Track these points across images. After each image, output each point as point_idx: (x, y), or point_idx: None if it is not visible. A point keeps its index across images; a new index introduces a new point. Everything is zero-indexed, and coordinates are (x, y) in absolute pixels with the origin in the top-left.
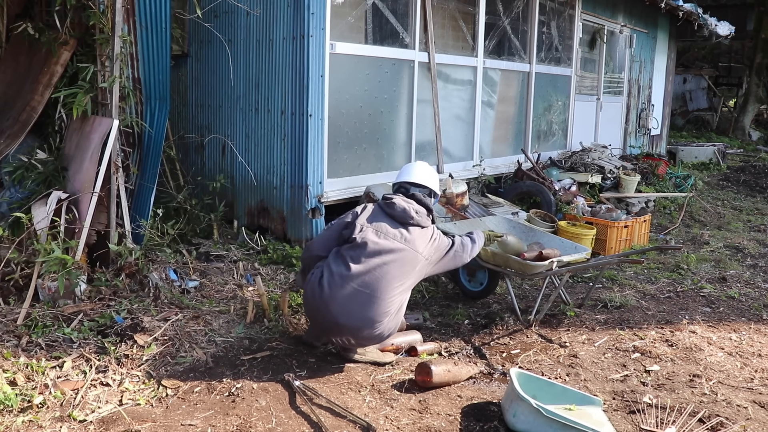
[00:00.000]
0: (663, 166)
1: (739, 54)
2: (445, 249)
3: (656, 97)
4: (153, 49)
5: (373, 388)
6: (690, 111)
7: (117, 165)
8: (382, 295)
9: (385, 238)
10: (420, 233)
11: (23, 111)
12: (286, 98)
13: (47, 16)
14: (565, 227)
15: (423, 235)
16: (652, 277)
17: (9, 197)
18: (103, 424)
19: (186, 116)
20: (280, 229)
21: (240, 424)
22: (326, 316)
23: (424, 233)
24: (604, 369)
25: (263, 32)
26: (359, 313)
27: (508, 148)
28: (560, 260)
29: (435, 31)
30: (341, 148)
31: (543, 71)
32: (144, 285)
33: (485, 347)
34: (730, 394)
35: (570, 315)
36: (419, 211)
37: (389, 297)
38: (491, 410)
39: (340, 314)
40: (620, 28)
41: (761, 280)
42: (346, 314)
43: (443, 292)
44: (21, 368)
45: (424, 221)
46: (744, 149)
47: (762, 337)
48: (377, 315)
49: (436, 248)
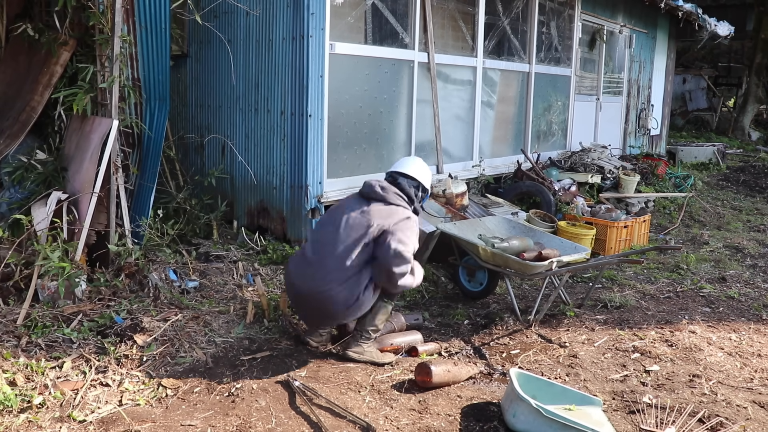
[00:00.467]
0: (662, 166)
1: (738, 54)
2: (396, 240)
3: (656, 97)
4: (153, 49)
5: (373, 389)
6: (690, 111)
7: (117, 165)
8: (329, 257)
9: (342, 211)
10: (380, 208)
11: (23, 111)
12: (286, 98)
13: (47, 16)
14: (564, 227)
15: (384, 210)
16: (652, 277)
17: (9, 197)
18: (102, 425)
19: (186, 116)
20: (279, 230)
21: (240, 424)
22: (291, 294)
23: (386, 209)
24: (604, 369)
25: (263, 32)
26: (311, 280)
27: (507, 149)
28: (560, 260)
29: (435, 31)
30: (341, 148)
31: (542, 71)
32: (144, 285)
33: (485, 347)
34: (729, 394)
35: (570, 315)
36: (387, 188)
37: (337, 260)
38: (491, 410)
39: (299, 286)
40: (620, 28)
41: (761, 280)
42: (301, 283)
43: (443, 292)
44: (21, 368)
45: (391, 198)
46: (743, 149)
47: (762, 337)
48: (327, 277)
49: (394, 229)
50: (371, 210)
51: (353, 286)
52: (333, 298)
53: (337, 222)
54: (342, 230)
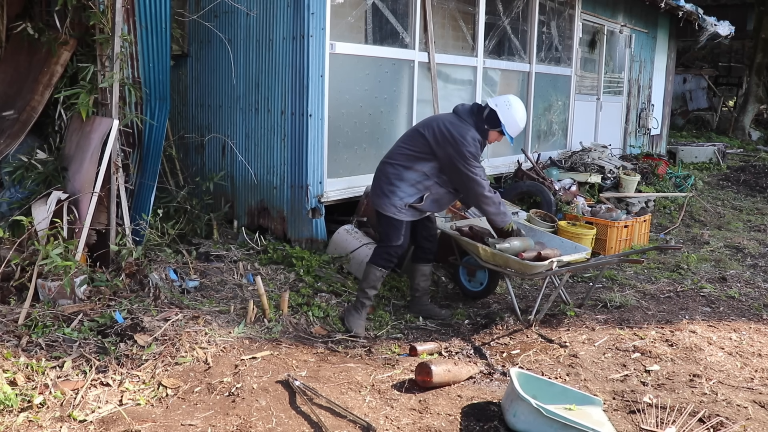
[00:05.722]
0: (663, 165)
1: (739, 54)
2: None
3: (656, 96)
4: (153, 49)
5: (373, 388)
6: (690, 111)
7: (117, 165)
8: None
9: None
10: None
11: (23, 111)
12: (286, 98)
13: (47, 16)
14: (565, 227)
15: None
16: (652, 276)
17: (9, 197)
18: (103, 424)
19: (186, 116)
20: (280, 229)
21: (240, 424)
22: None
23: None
24: (604, 369)
25: (263, 32)
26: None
27: (507, 148)
28: (560, 260)
29: (435, 31)
30: (341, 148)
31: (543, 71)
32: (144, 285)
33: (485, 347)
34: (730, 393)
35: (570, 315)
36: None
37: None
38: (491, 410)
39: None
40: (620, 27)
41: (761, 279)
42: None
43: (443, 292)
44: (21, 368)
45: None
46: (744, 149)
47: (762, 337)
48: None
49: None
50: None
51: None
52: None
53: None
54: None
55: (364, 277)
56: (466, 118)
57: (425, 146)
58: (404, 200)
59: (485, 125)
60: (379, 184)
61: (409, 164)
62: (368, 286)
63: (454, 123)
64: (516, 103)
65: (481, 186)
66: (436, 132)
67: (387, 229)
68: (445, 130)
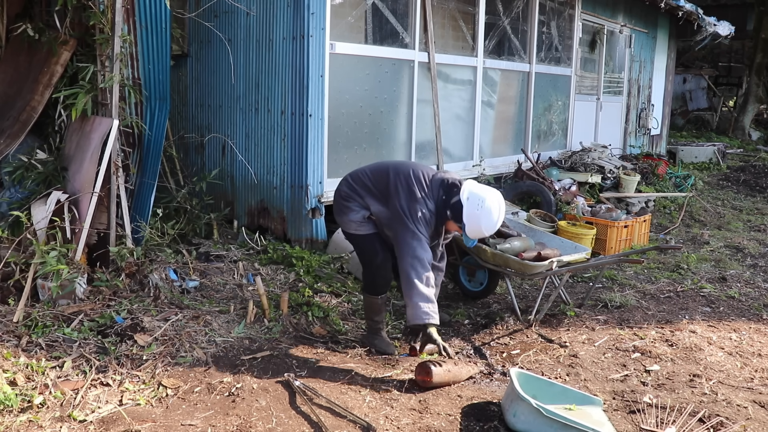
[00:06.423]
0: (663, 165)
1: (739, 54)
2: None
3: (656, 96)
4: (153, 49)
5: (373, 388)
6: (690, 111)
7: (117, 165)
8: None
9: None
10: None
11: (23, 111)
12: (286, 98)
13: (47, 16)
14: (565, 227)
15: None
16: (652, 277)
17: (9, 197)
18: (103, 424)
19: (186, 116)
20: (280, 229)
21: (240, 424)
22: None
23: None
24: (604, 369)
25: (263, 32)
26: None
27: (508, 148)
28: (560, 260)
29: (435, 31)
30: (341, 148)
31: (543, 71)
32: (144, 285)
33: (485, 347)
34: (730, 393)
35: (570, 315)
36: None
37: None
38: (491, 410)
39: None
40: (620, 27)
41: (761, 279)
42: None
43: (443, 292)
44: (21, 368)
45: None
46: (744, 149)
47: (762, 337)
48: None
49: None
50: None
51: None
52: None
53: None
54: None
55: (365, 308)
56: (433, 188)
57: (384, 187)
58: (360, 213)
59: (447, 210)
60: (337, 200)
61: (363, 194)
62: (373, 315)
63: (419, 183)
64: (492, 206)
65: (418, 249)
66: (400, 177)
67: (361, 248)
68: (404, 181)
